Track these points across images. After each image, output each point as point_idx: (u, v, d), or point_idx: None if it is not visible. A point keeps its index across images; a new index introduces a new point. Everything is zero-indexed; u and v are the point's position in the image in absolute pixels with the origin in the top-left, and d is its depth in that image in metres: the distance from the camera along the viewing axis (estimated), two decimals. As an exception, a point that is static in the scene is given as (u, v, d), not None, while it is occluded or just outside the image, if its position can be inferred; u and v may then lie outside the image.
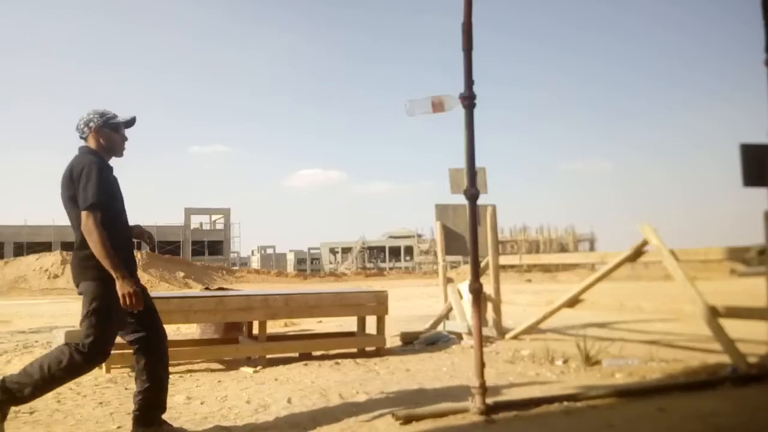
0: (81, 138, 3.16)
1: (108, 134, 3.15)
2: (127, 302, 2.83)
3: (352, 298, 6.04)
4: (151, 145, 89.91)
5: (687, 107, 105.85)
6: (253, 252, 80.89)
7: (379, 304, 5.94)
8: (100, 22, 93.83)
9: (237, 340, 5.78)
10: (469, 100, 3.36)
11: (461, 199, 3.61)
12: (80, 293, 3.00)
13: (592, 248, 57.15)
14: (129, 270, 2.93)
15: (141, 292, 2.91)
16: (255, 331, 5.57)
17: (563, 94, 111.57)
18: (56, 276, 29.69)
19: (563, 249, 57.60)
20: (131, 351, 2.99)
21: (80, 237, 2.93)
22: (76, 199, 2.94)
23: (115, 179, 3.15)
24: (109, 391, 4.24)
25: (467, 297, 6.21)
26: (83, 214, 2.87)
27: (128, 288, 2.83)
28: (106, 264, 2.85)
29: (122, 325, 3.06)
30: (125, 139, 3.24)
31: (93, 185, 2.90)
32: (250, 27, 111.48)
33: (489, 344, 6.05)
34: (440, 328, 6.83)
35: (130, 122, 3.26)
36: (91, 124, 3.12)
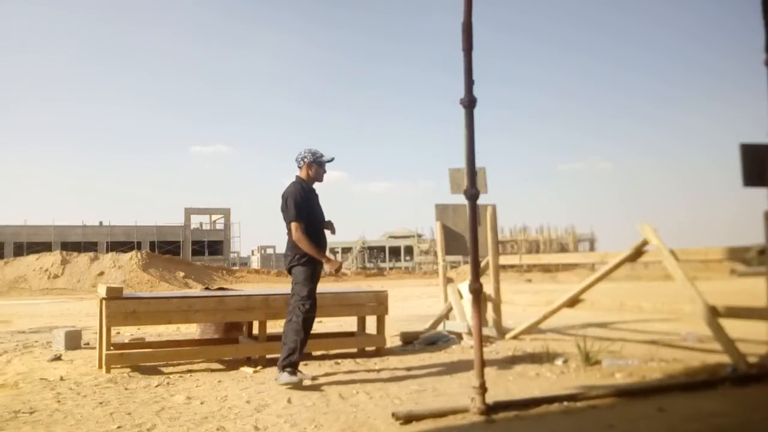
0: (298, 167, 4.70)
1: (315, 168, 4.68)
2: (335, 271, 4.53)
3: (352, 298, 6.04)
4: (152, 144, 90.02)
5: (687, 107, 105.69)
6: (253, 252, 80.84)
7: (379, 304, 5.94)
8: (102, 21, 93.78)
9: (237, 340, 5.78)
10: (469, 100, 3.36)
11: (461, 199, 3.62)
12: (290, 272, 4.58)
13: (592, 248, 57.18)
14: (314, 261, 4.48)
15: (299, 274, 4.48)
16: (255, 331, 5.57)
17: (563, 94, 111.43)
18: (56, 276, 29.67)
19: (563, 249, 57.62)
20: (131, 351, 3.02)
21: (289, 238, 4.55)
22: (284, 212, 4.56)
23: (314, 197, 4.72)
24: (109, 391, 4.24)
25: (467, 297, 6.21)
26: (292, 225, 4.48)
27: (335, 264, 4.53)
28: (315, 256, 4.48)
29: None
30: (325, 171, 4.76)
31: (292, 207, 4.49)
32: (250, 27, 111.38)
33: (489, 344, 6.05)
34: (440, 328, 6.83)
35: (331, 160, 4.73)
36: (306, 160, 4.65)
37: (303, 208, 4.52)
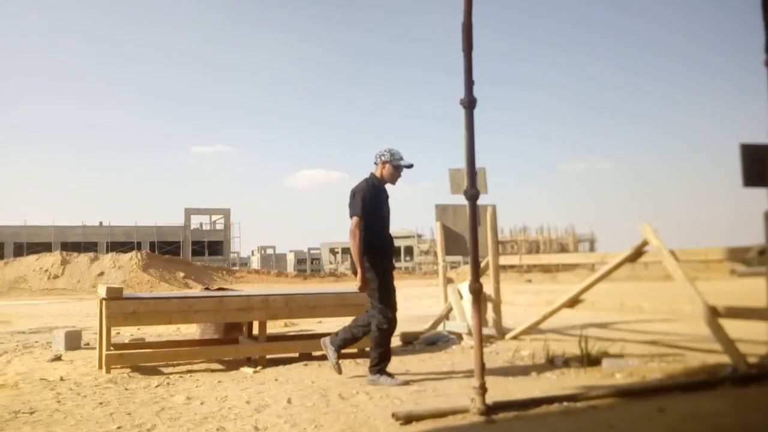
0: (374, 163, 4.60)
1: (390, 169, 4.54)
2: (358, 288, 4.40)
3: (352, 298, 6.02)
4: (153, 144, 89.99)
5: (687, 107, 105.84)
6: (253, 252, 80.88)
7: (379, 304, 5.93)
8: (103, 21, 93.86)
9: (237, 340, 5.78)
10: (469, 101, 3.36)
11: (461, 199, 3.62)
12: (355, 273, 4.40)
13: (592, 248, 57.20)
14: (380, 264, 4.36)
15: (368, 282, 4.32)
16: (255, 331, 5.57)
17: (563, 94, 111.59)
18: (56, 276, 29.69)
19: (563, 249, 57.63)
20: (131, 352, 3.05)
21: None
22: (350, 206, 4.39)
23: (383, 197, 4.57)
24: (109, 391, 4.24)
25: (467, 297, 6.20)
26: (352, 220, 4.34)
27: (361, 284, 4.34)
28: (354, 257, 4.33)
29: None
30: (400, 176, 4.62)
31: (358, 202, 4.36)
32: (250, 27, 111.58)
33: (489, 344, 6.05)
34: (440, 328, 6.83)
35: (409, 166, 4.59)
36: (383, 158, 4.54)
37: (369, 205, 4.38)
